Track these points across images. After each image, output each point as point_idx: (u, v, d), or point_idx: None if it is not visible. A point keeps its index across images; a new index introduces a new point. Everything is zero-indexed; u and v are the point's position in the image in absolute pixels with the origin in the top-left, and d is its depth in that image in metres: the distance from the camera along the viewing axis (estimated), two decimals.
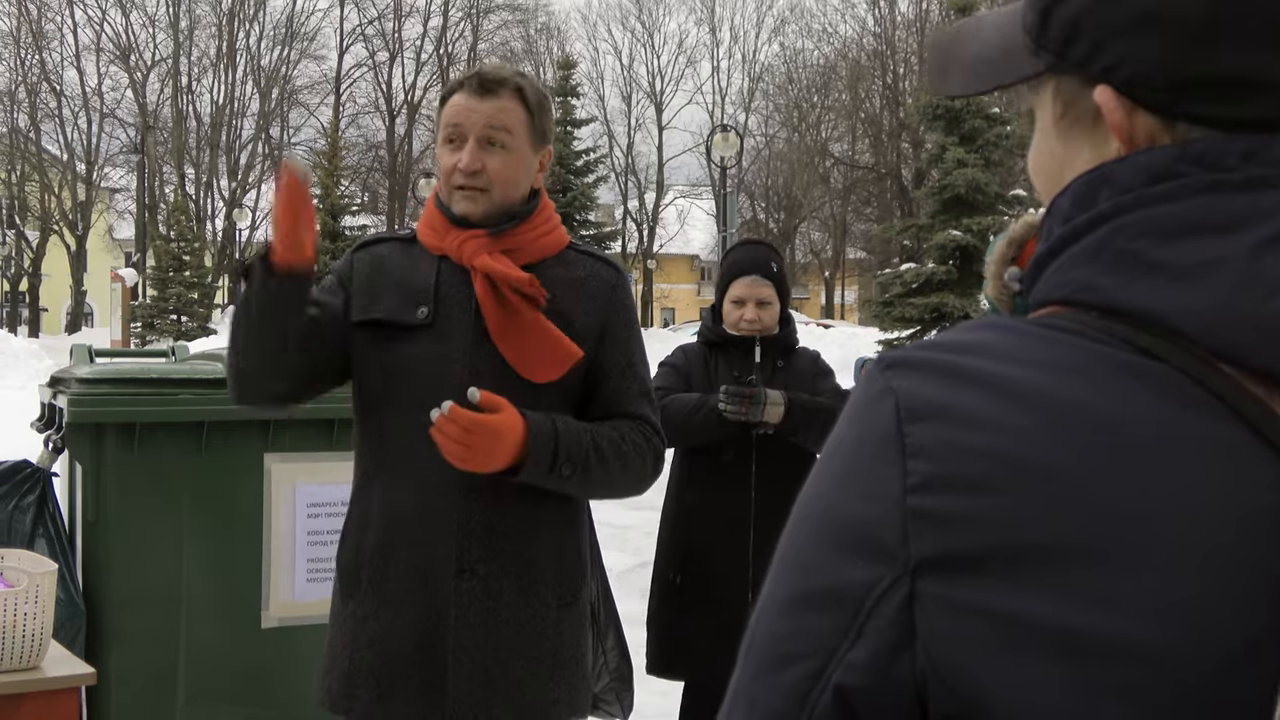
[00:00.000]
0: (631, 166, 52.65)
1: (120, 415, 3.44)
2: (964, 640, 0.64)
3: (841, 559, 0.68)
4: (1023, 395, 0.66)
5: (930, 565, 0.65)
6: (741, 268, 3.73)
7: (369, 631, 2.33)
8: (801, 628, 0.69)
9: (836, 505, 0.70)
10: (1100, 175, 0.72)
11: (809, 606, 0.69)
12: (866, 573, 0.67)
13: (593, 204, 31.85)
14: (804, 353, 3.83)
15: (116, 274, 35.71)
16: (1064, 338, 0.68)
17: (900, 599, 0.66)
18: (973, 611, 0.64)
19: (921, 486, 0.66)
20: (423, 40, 53.96)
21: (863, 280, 50.94)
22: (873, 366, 0.72)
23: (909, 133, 43.82)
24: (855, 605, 0.67)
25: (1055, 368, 0.67)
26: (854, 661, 0.67)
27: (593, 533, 2.68)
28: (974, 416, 0.66)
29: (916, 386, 0.69)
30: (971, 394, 0.67)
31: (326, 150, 38.45)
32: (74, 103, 52.33)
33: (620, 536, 8.80)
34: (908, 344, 0.74)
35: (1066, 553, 0.63)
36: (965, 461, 0.65)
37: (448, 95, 2.39)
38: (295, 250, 2.22)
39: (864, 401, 0.71)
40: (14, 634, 2.69)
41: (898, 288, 22.59)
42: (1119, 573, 0.62)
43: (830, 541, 0.69)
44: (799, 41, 52.68)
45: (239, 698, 3.55)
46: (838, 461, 0.71)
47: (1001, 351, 0.68)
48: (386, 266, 2.39)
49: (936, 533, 0.65)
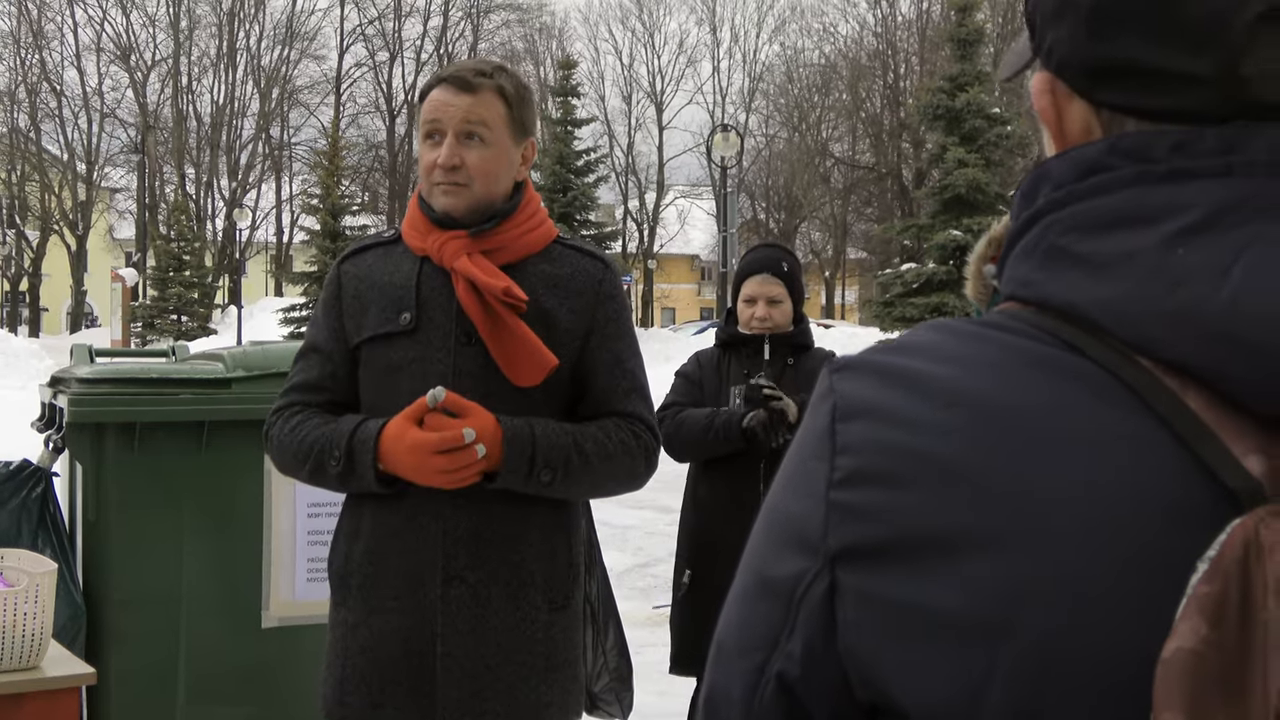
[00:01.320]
0: (632, 166, 52.66)
1: (121, 415, 3.44)
2: (870, 629, 0.67)
3: (780, 552, 0.71)
4: (939, 392, 0.68)
5: (845, 556, 0.68)
6: (753, 267, 3.79)
7: (359, 639, 2.33)
8: (752, 618, 0.73)
9: (780, 501, 0.74)
10: (1041, 172, 0.73)
11: (755, 597, 0.73)
12: (796, 565, 0.70)
13: (593, 204, 31.83)
14: (819, 353, 3.85)
15: (117, 274, 35.74)
16: (991, 334, 0.70)
17: (823, 590, 0.68)
18: (877, 600, 0.66)
19: (843, 481, 0.69)
20: (423, 40, 54.01)
21: (863, 280, 50.93)
22: (824, 370, 0.75)
23: (909, 132, 43.80)
24: (788, 596, 0.70)
25: (974, 364, 0.68)
26: (791, 651, 0.70)
27: (593, 532, 2.68)
28: (894, 414, 0.68)
29: (852, 387, 0.71)
30: (897, 393, 0.69)
31: (327, 150, 38.45)
32: (74, 102, 52.42)
33: (620, 536, 8.79)
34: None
35: (962, 542, 0.64)
36: (881, 456, 0.68)
37: (426, 91, 2.37)
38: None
39: (813, 404, 0.74)
40: (14, 634, 2.69)
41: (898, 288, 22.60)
42: (1014, 561, 0.63)
43: (774, 535, 0.73)
44: (799, 41, 52.74)
45: (239, 697, 3.55)
46: (789, 461, 0.75)
47: (934, 351, 0.70)
48: (371, 278, 2.37)
49: (851, 525, 0.68)
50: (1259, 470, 0.62)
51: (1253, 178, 0.66)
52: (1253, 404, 0.63)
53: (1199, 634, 0.58)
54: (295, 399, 2.40)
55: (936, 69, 36.77)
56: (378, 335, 2.33)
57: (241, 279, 44.06)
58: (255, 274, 54.71)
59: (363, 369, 2.36)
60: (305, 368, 2.42)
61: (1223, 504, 0.61)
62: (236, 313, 36.19)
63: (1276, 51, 0.67)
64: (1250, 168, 0.66)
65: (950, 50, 28.47)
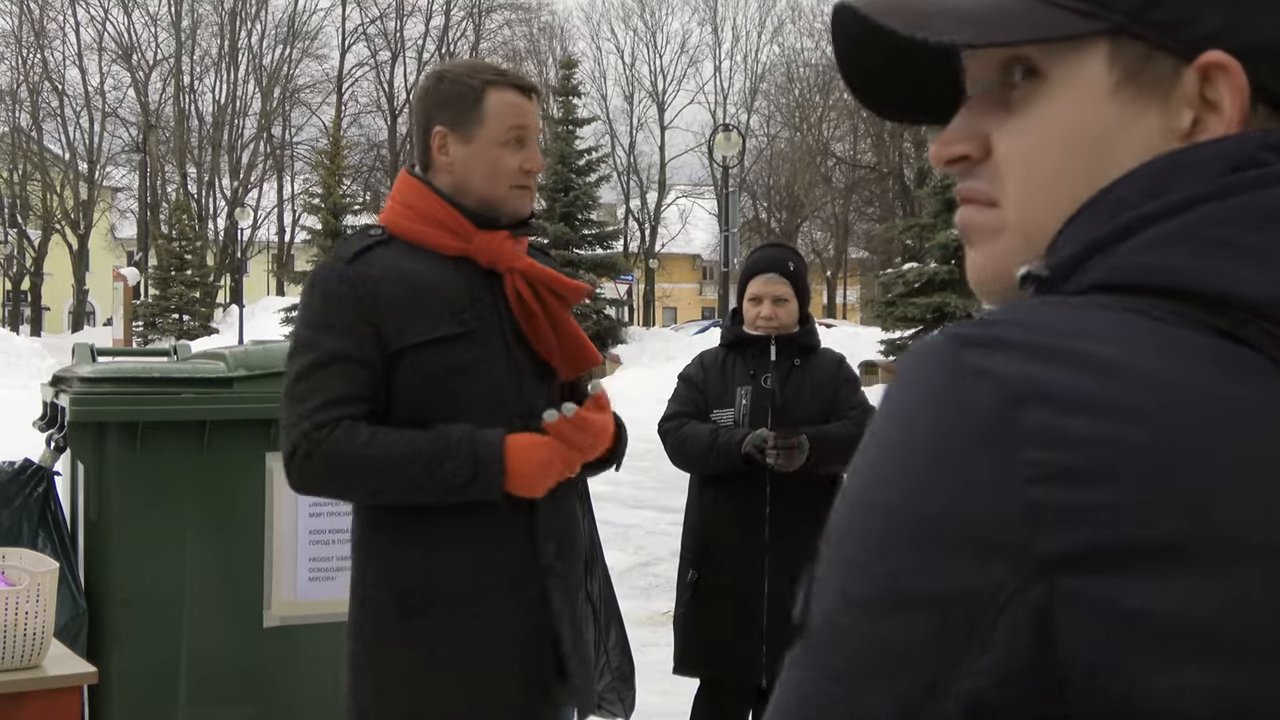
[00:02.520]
0: (634, 166, 52.67)
1: (122, 414, 3.43)
2: (1110, 642, 0.60)
3: (945, 557, 0.62)
4: (1133, 379, 0.62)
5: (1066, 562, 0.60)
6: (759, 266, 3.77)
7: (453, 645, 2.30)
8: (901, 632, 0.63)
9: (926, 498, 0.63)
10: (1176, 161, 0.70)
11: (907, 608, 0.62)
12: (984, 572, 0.61)
13: (595, 203, 31.79)
14: (827, 354, 3.84)
15: (118, 273, 35.73)
16: (1145, 320, 0.65)
17: (1033, 599, 0.60)
18: (1119, 610, 0.60)
19: (1046, 477, 0.61)
20: (424, 39, 54.01)
21: (865, 280, 50.90)
22: (942, 344, 0.66)
23: (911, 132, 43.77)
24: (973, 608, 0.61)
25: (1154, 351, 0.63)
26: (981, 669, 0.61)
27: (594, 532, 2.69)
28: (1084, 400, 0.62)
29: (1013, 367, 0.63)
30: (1075, 375, 0.62)
31: (328, 149, 38.46)
32: (76, 102, 52.44)
33: (622, 536, 8.79)
34: (960, 322, 0.68)
35: (1207, 548, 0.60)
36: (1090, 450, 0.61)
37: (482, 89, 2.34)
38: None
39: (945, 384, 0.64)
40: (15, 633, 2.69)
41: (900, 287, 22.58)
42: (1260, 572, 0.60)
43: (925, 538, 0.63)
44: (800, 41, 52.73)
45: (241, 697, 3.54)
46: (915, 450, 0.64)
47: (1088, 331, 0.64)
48: (403, 280, 2.30)
49: (1071, 527, 0.60)
50: None
51: None
52: None
53: None
54: (341, 413, 2.23)
55: None
56: (432, 339, 2.28)
57: (243, 278, 44.05)
58: (257, 273, 54.75)
59: (407, 374, 2.28)
60: (341, 377, 2.25)
61: None
62: (238, 312, 36.18)
63: None
64: None
65: None
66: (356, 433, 2.22)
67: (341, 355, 2.26)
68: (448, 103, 2.35)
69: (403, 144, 51.74)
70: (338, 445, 2.21)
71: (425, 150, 2.39)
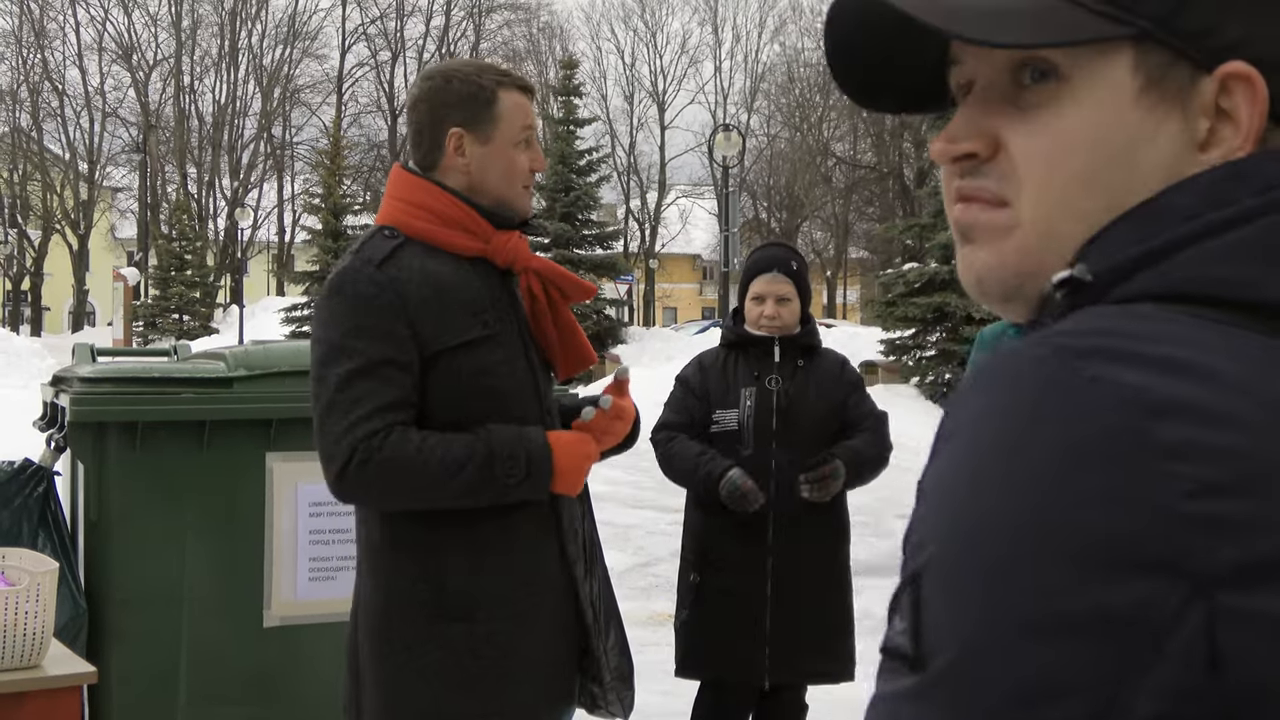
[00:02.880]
0: (634, 166, 52.67)
1: (122, 414, 3.43)
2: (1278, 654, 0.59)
3: (1101, 578, 0.59)
4: (1257, 390, 0.61)
5: (1228, 578, 0.59)
6: (762, 265, 3.76)
7: (500, 646, 2.32)
8: (1058, 657, 0.59)
9: (1064, 516, 0.60)
10: (1240, 169, 0.69)
11: (1061, 632, 0.59)
12: (1146, 591, 0.59)
13: (595, 203, 31.77)
14: (830, 354, 3.83)
15: (119, 273, 35.72)
16: (1225, 329, 0.64)
17: (1199, 617, 0.58)
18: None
19: (1200, 493, 0.59)
20: (425, 40, 54.01)
21: (865, 280, 50.89)
22: (1045, 353, 0.64)
23: (911, 132, 43.77)
24: (1138, 628, 0.59)
25: (1260, 362, 0.62)
26: (1150, 692, 0.59)
27: (594, 532, 2.69)
28: (1222, 413, 0.60)
29: (1137, 378, 0.61)
30: (1201, 388, 0.61)
31: (328, 149, 38.46)
32: (76, 102, 52.42)
33: (622, 536, 8.78)
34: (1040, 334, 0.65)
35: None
36: (1234, 463, 0.60)
37: (494, 92, 2.35)
38: None
39: (1059, 396, 0.62)
40: (15, 633, 2.69)
41: (900, 287, 22.56)
42: None
43: (1074, 559, 0.60)
44: (801, 41, 52.70)
45: (241, 697, 3.54)
46: (1037, 466, 0.61)
47: (1194, 342, 0.63)
48: (434, 283, 2.28)
49: (1229, 541, 0.59)
50: None
51: None
52: None
53: None
54: (392, 419, 2.21)
55: None
56: (465, 342, 2.28)
57: (243, 278, 44.06)
58: (257, 273, 54.75)
59: (441, 376, 2.27)
60: (386, 382, 2.22)
61: None
62: (238, 312, 36.17)
63: None
64: None
65: None
66: (408, 439, 2.20)
67: (383, 360, 2.21)
68: (461, 103, 2.33)
69: (403, 144, 51.70)
70: (392, 453, 2.18)
71: (434, 150, 2.35)
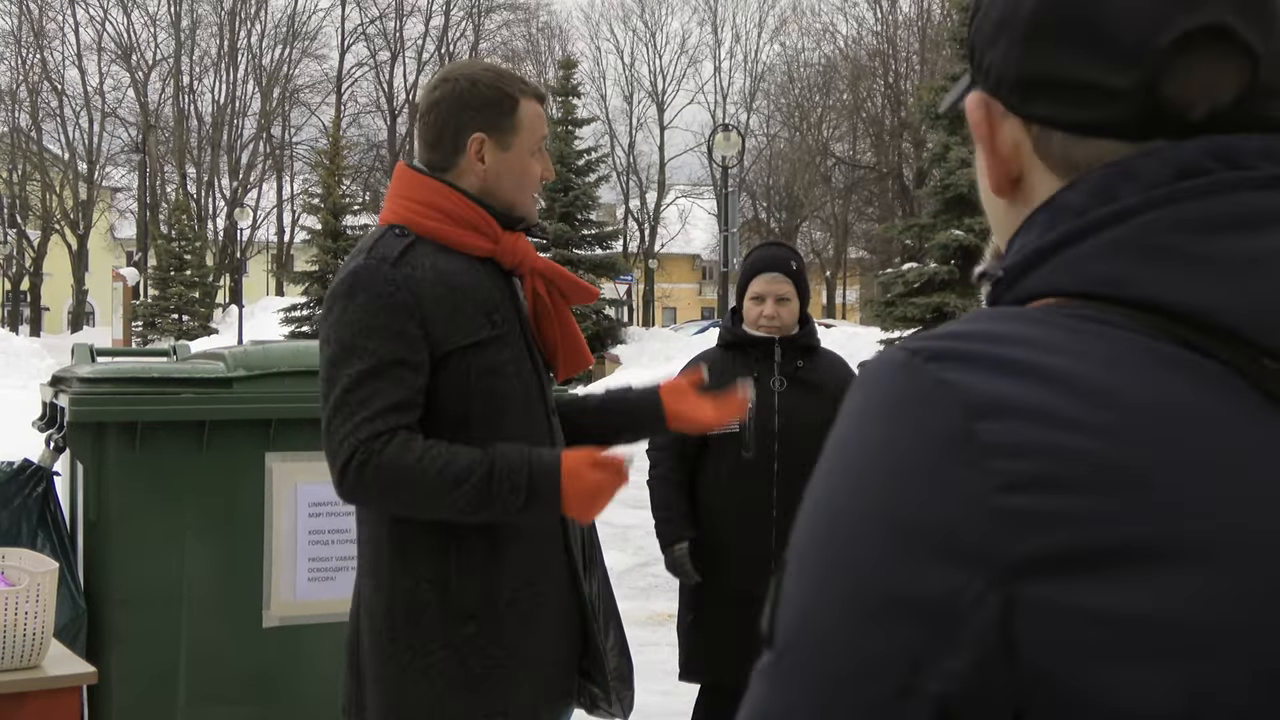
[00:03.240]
0: (633, 166, 52.65)
1: (122, 414, 3.43)
2: (1070, 644, 0.62)
3: (914, 565, 0.64)
4: (1089, 390, 0.65)
5: (1027, 567, 0.63)
6: (762, 265, 3.75)
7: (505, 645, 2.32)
8: (874, 640, 0.65)
9: (894, 508, 0.66)
10: (1123, 170, 0.72)
11: (879, 617, 0.65)
12: (951, 578, 0.63)
13: (594, 203, 31.77)
14: (828, 355, 3.82)
15: (118, 273, 35.73)
16: (1095, 328, 0.68)
17: (998, 603, 0.63)
18: (1077, 614, 0.62)
19: (1009, 487, 0.63)
20: (424, 39, 54.01)
21: (864, 280, 50.91)
22: (904, 357, 0.69)
23: (910, 132, 43.78)
24: (943, 614, 0.63)
25: (1099, 360, 0.66)
26: (952, 671, 0.63)
27: (594, 532, 2.70)
28: (1045, 412, 0.64)
29: (979, 382, 0.66)
30: (1035, 388, 0.65)
31: (328, 149, 38.44)
32: (75, 102, 52.43)
33: (621, 536, 8.78)
34: (917, 335, 0.72)
35: (1170, 549, 0.62)
36: (1048, 459, 0.63)
37: (515, 100, 2.36)
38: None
39: (907, 396, 0.67)
40: (15, 633, 2.69)
41: (899, 287, 22.57)
42: (1225, 569, 0.62)
43: (895, 547, 0.65)
44: (800, 41, 52.72)
45: (240, 697, 3.54)
46: (881, 461, 0.67)
47: (1043, 343, 0.67)
48: (445, 282, 2.27)
49: (1032, 534, 0.63)
50: None
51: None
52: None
53: None
54: (396, 422, 2.19)
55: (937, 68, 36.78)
56: (476, 342, 2.28)
57: (242, 278, 44.04)
58: (256, 273, 54.73)
59: (450, 377, 2.26)
60: (395, 383, 2.20)
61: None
62: (237, 312, 36.18)
63: (1194, 73, 0.70)
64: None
65: (953, 50, 28.47)
66: (410, 447, 2.17)
67: (394, 360, 2.20)
68: (485, 108, 2.33)
69: (402, 144, 51.73)
70: (392, 458, 2.16)
71: (455, 153, 2.34)
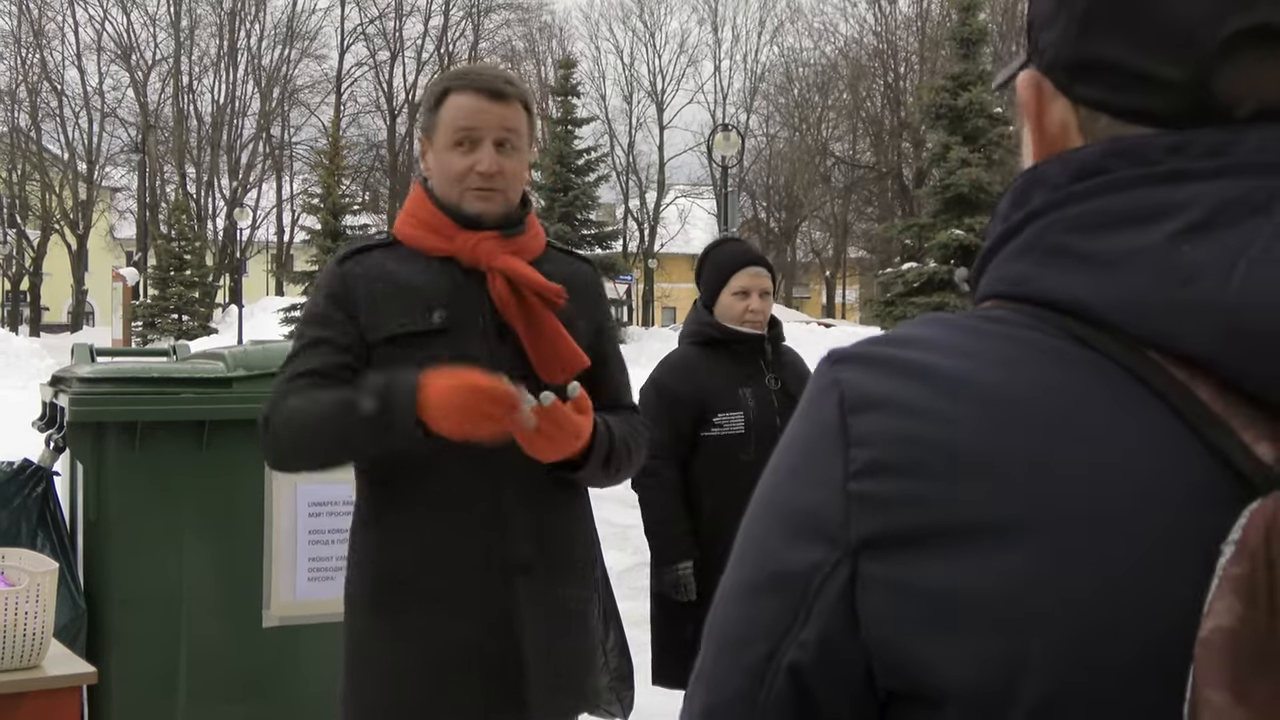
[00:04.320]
0: (633, 165, 52.65)
1: (121, 414, 3.44)
2: (899, 618, 0.68)
3: (790, 544, 0.72)
4: (955, 385, 0.69)
5: (869, 546, 0.69)
6: (744, 259, 3.75)
7: (422, 640, 2.30)
8: (756, 611, 0.73)
9: (787, 495, 0.74)
10: (1035, 175, 0.75)
11: (762, 591, 0.73)
12: (812, 555, 0.70)
13: (594, 203, 31.81)
14: (789, 350, 3.85)
15: (118, 273, 35.72)
16: (992, 327, 0.72)
17: (844, 579, 0.69)
18: (907, 590, 0.68)
19: (861, 472, 0.69)
20: (423, 39, 54.00)
21: (864, 279, 50.91)
22: (823, 362, 0.75)
23: (910, 132, 43.80)
24: (802, 587, 0.71)
25: (983, 356, 0.70)
26: (805, 641, 0.71)
27: (593, 531, 2.69)
28: (909, 405, 0.70)
29: (860, 379, 0.72)
30: (909, 385, 0.70)
31: (327, 150, 38.44)
32: (75, 102, 52.41)
33: (621, 536, 8.78)
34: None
35: (989, 530, 0.66)
36: (899, 447, 0.69)
37: (443, 95, 2.39)
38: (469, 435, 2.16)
39: (814, 396, 0.75)
40: (15, 633, 2.69)
41: (899, 287, 22.59)
42: (1043, 547, 0.65)
43: (780, 529, 0.73)
44: (800, 41, 52.74)
45: (240, 697, 3.54)
46: (791, 454, 0.75)
47: (940, 344, 0.72)
48: (387, 278, 2.35)
49: (874, 515, 0.69)
50: (1270, 457, 0.65)
51: (1243, 178, 0.68)
52: (1262, 393, 0.65)
53: (1235, 613, 0.61)
54: (303, 384, 2.30)
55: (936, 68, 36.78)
56: (404, 334, 2.31)
57: (242, 278, 44.06)
58: (256, 273, 54.73)
59: (384, 364, 2.30)
60: (314, 355, 2.32)
61: (1237, 489, 0.64)
62: (237, 312, 36.19)
63: (1244, 70, 0.70)
64: (1241, 170, 0.69)
65: (952, 50, 28.48)
66: (293, 395, 2.29)
67: (317, 340, 2.34)
68: (424, 110, 2.47)
69: (402, 144, 51.76)
70: (277, 407, 2.29)
71: (423, 158, 2.47)
